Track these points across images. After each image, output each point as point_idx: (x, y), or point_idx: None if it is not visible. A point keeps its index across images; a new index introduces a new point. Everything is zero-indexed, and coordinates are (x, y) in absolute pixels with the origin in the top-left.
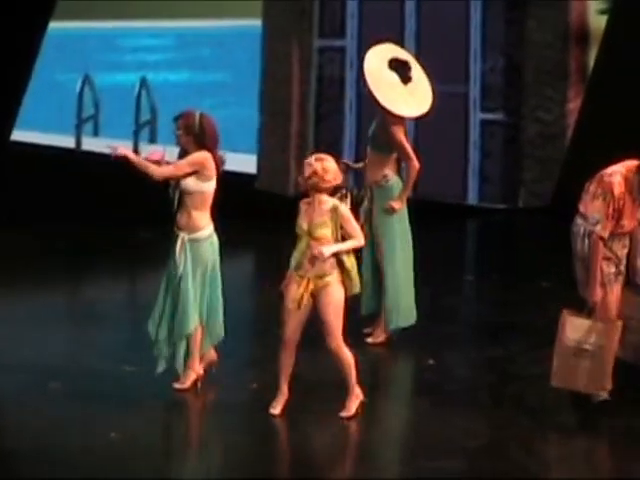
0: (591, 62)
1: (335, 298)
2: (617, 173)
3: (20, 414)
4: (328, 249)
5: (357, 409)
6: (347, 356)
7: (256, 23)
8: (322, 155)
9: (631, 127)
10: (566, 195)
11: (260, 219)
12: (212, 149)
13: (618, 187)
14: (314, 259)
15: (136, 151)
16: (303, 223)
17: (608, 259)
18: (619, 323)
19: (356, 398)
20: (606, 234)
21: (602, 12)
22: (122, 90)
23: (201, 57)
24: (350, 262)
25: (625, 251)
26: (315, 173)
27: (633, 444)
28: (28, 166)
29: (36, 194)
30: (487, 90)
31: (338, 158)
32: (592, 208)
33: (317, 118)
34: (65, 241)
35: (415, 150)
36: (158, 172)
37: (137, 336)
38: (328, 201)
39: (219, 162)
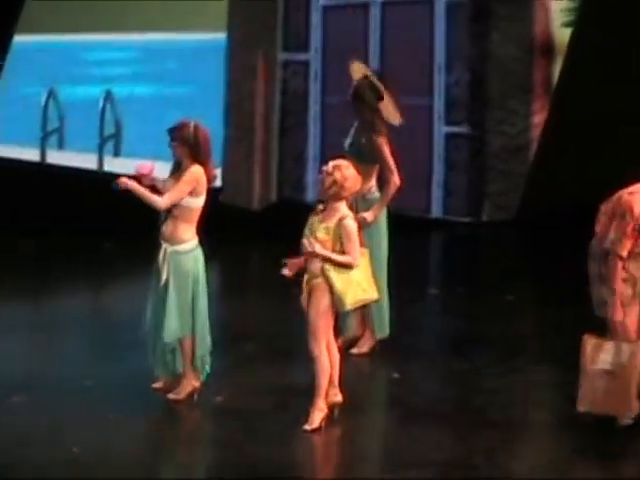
0: (556, 75)
1: (320, 302)
2: (636, 192)
3: None
4: (320, 249)
5: (321, 422)
6: (324, 365)
7: (221, 36)
8: (339, 162)
9: (596, 140)
10: (531, 208)
11: (225, 232)
12: (205, 162)
13: (638, 206)
14: (309, 254)
15: (101, 164)
16: (311, 226)
17: (625, 280)
18: None
19: (320, 411)
20: (625, 253)
21: (567, 25)
22: (87, 103)
23: (166, 70)
24: (338, 279)
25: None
26: (335, 182)
27: (597, 458)
28: None
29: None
30: (452, 103)
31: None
32: (612, 228)
33: (281, 131)
34: (28, 253)
35: (398, 165)
36: (163, 204)
37: (101, 348)
38: (340, 210)
39: (210, 177)
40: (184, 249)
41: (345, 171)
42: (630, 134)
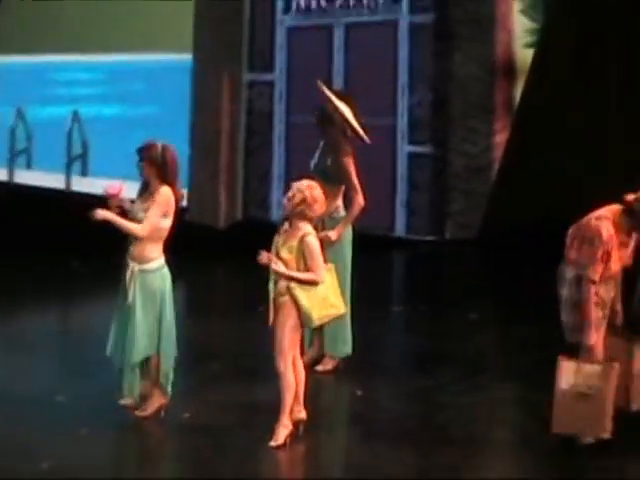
0: (517, 96)
1: (287, 320)
2: (604, 217)
3: None
4: (279, 266)
5: (286, 439)
6: (290, 382)
7: (187, 57)
8: (312, 183)
9: (557, 160)
10: (493, 227)
11: (191, 251)
12: (173, 182)
13: (606, 231)
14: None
15: (69, 184)
16: (276, 244)
17: (596, 304)
18: (617, 365)
19: (285, 428)
20: (597, 277)
21: (529, 46)
22: (54, 123)
23: (132, 91)
24: (304, 296)
25: (611, 295)
26: (304, 201)
27: (559, 476)
28: None
29: None
30: (414, 123)
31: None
32: (582, 253)
33: (247, 151)
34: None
35: (362, 185)
36: (142, 232)
37: (69, 365)
38: (302, 229)
39: (178, 198)
40: (151, 268)
41: (315, 192)
42: (590, 154)
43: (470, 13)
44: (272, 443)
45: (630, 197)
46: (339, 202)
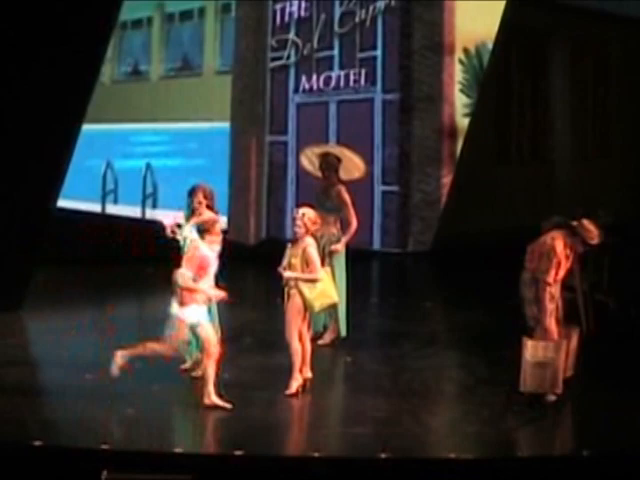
0: (458, 150)
1: (294, 306)
2: (557, 237)
3: None
4: (288, 274)
5: (297, 389)
6: (295, 348)
7: (226, 125)
8: (305, 209)
9: (486, 196)
10: (441, 243)
11: (229, 260)
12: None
13: (559, 247)
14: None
15: (143, 214)
16: (287, 255)
17: (550, 299)
18: (564, 341)
19: (295, 380)
20: (551, 281)
21: (465, 115)
22: (133, 172)
23: (188, 149)
24: (307, 290)
25: (558, 293)
26: (304, 225)
27: (488, 415)
28: (68, 225)
29: (73, 240)
30: (386, 170)
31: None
32: (541, 263)
33: (268, 190)
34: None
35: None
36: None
37: None
38: (305, 242)
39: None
40: None
41: (308, 216)
42: (505, 193)
43: (425, 92)
44: (287, 392)
45: (574, 223)
46: (337, 226)
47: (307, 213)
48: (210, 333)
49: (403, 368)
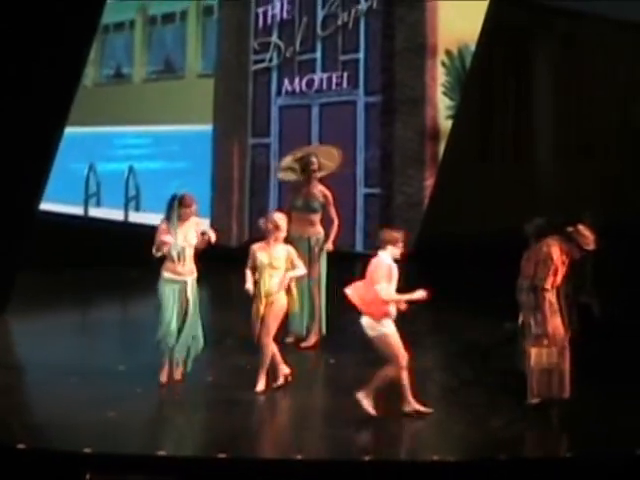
0: (441, 152)
1: (279, 308)
2: (553, 244)
3: None
4: (292, 274)
5: (266, 386)
6: (270, 349)
7: (209, 127)
8: (275, 215)
9: (470, 198)
10: (424, 244)
11: (213, 262)
12: None
13: (555, 254)
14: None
15: (126, 216)
16: (264, 259)
17: (549, 305)
18: (567, 346)
19: (262, 378)
20: (549, 287)
21: (448, 117)
22: (116, 175)
23: (171, 151)
24: (294, 288)
25: (555, 299)
26: (277, 228)
27: (468, 414)
28: (51, 228)
29: (56, 243)
30: (368, 172)
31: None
32: (538, 270)
33: (251, 192)
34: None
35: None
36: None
37: (128, 345)
38: (280, 244)
39: None
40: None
41: (276, 221)
42: (488, 196)
43: (407, 95)
44: (256, 389)
45: (569, 229)
46: (320, 227)
47: (271, 219)
48: (399, 343)
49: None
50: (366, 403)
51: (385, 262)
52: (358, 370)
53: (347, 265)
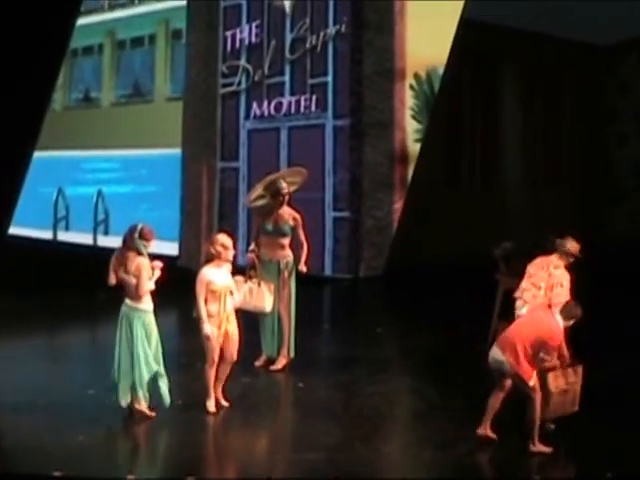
0: (409, 175)
1: (234, 335)
2: (559, 265)
3: None
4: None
5: (217, 409)
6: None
7: (177, 151)
8: (219, 237)
9: (438, 220)
10: (393, 268)
11: (182, 286)
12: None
13: (566, 274)
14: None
15: (95, 240)
16: (221, 282)
17: None
18: (581, 365)
19: (210, 403)
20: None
21: (417, 140)
22: (85, 198)
23: (139, 175)
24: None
25: None
26: (225, 248)
27: (440, 442)
28: (20, 252)
29: (25, 267)
30: (337, 196)
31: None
32: (554, 292)
33: (220, 216)
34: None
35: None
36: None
37: (96, 369)
38: (228, 266)
39: None
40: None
41: (223, 241)
42: (456, 217)
43: (376, 118)
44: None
45: (558, 241)
46: (289, 250)
47: (221, 237)
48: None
49: (355, 394)
50: (491, 434)
51: None
52: (327, 393)
53: (316, 289)
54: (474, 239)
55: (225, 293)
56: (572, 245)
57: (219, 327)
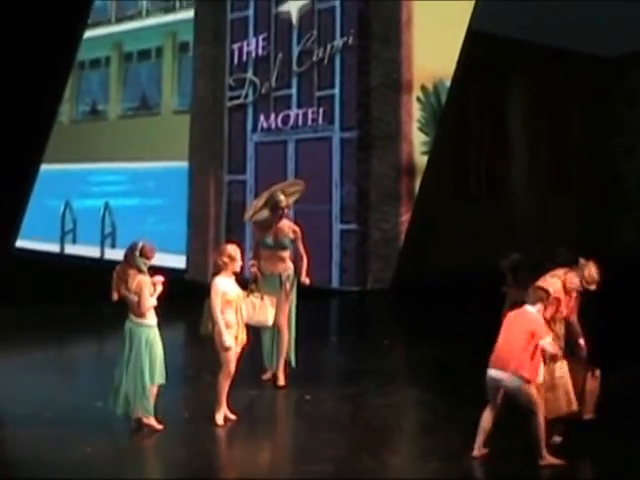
0: (417, 188)
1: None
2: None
3: None
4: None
5: (225, 422)
6: (226, 388)
7: (184, 164)
8: (226, 248)
9: (446, 233)
10: (400, 280)
11: (190, 299)
12: None
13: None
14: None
15: (102, 253)
16: (233, 292)
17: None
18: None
19: (219, 412)
20: (549, 317)
21: (424, 153)
22: (91, 212)
23: (147, 188)
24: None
25: (562, 330)
26: (232, 259)
27: (447, 454)
28: (27, 264)
29: (32, 280)
30: (344, 208)
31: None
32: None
33: (227, 228)
34: (55, 316)
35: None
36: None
37: (105, 381)
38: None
39: None
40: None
41: (231, 252)
42: (470, 227)
43: (383, 131)
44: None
45: (582, 261)
46: (290, 263)
47: (229, 248)
48: (534, 392)
49: (362, 406)
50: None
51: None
52: (334, 405)
53: (323, 302)
54: (481, 251)
55: (240, 303)
56: (591, 272)
57: (236, 338)
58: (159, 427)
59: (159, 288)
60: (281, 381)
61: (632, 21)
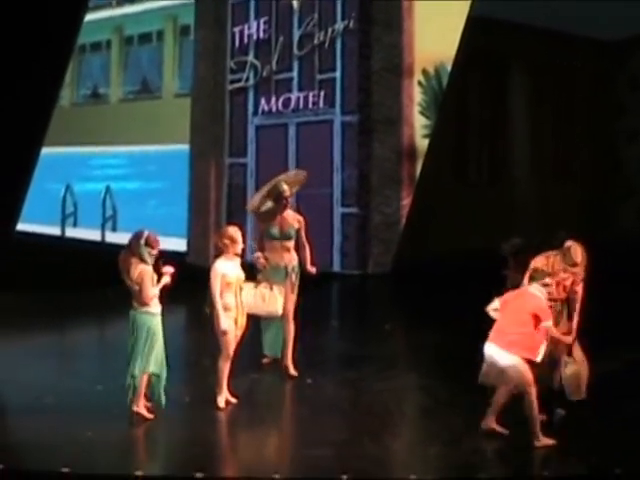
0: (418, 171)
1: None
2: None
3: None
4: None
5: (226, 405)
6: (225, 373)
7: (185, 147)
8: (226, 230)
9: (445, 218)
10: (401, 264)
11: (191, 283)
12: None
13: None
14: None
15: (103, 236)
16: (233, 275)
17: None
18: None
19: (220, 395)
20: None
21: (425, 136)
22: (92, 195)
23: (147, 171)
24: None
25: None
26: (233, 241)
27: (448, 437)
28: (28, 248)
29: (33, 263)
30: (345, 192)
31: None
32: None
33: (228, 212)
34: (56, 300)
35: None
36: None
37: (106, 365)
38: (238, 259)
39: None
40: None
41: (232, 234)
42: (465, 213)
43: (384, 114)
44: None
45: (568, 243)
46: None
47: (231, 230)
48: (528, 371)
49: (363, 390)
50: (498, 428)
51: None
52: (335, 390)
53: (324, 286)
54: (482, 235)
55: (239, 285)
56: (575, 253)
57: (235, 321)
58: (149, 416)
59: (166, 279)
60: (292, 370)
61: (634, 4)
